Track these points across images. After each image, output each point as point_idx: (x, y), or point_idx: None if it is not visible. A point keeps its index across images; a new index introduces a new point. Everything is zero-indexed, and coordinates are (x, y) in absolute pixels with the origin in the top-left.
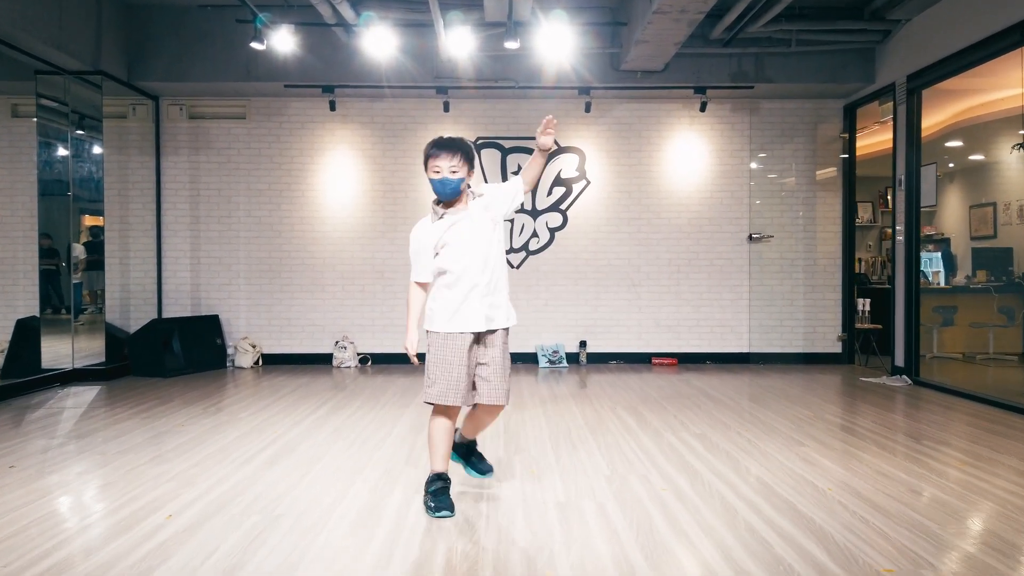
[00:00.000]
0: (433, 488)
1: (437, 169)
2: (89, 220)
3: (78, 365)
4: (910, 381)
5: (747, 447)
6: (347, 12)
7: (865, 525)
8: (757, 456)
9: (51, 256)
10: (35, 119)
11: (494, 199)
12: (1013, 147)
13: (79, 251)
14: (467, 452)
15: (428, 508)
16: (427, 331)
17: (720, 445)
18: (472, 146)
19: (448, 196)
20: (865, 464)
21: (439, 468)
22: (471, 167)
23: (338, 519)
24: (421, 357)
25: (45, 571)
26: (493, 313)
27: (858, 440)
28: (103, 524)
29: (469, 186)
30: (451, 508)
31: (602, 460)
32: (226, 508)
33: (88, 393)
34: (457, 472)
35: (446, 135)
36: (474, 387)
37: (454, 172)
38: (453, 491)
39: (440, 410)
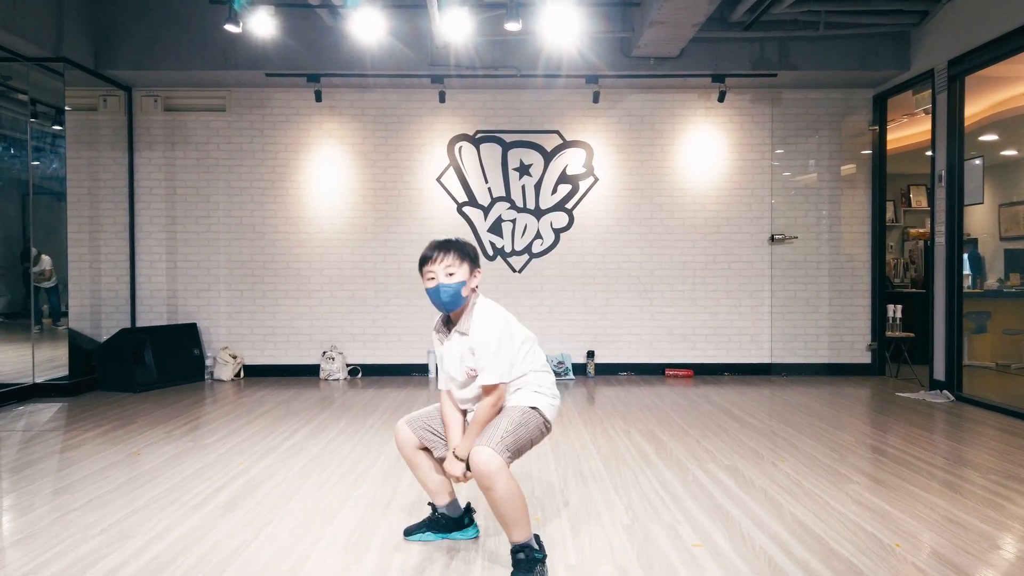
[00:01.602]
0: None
1: (431, 275)
2: None
3: (40, 379)
4: (952, 397)
5: (787, 484)
6: None
7: None
8: (801, 497)
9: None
10: None
11: (477, 351)
12: None
13: (46, 262)
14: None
15: None
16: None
17: (755, 481)
18: (474, 246)
19: (448, 306)
20: (931, 508)
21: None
22: (473, 267)
23: None
24: None
25: None
26: None
27: (913, 474)
28: None
29: (475, 290)
30: None
31: (619, 503)
32: (162, 573)
33: (46, 412)
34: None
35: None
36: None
37: (451, 275)
38: (444, 552)
39: None
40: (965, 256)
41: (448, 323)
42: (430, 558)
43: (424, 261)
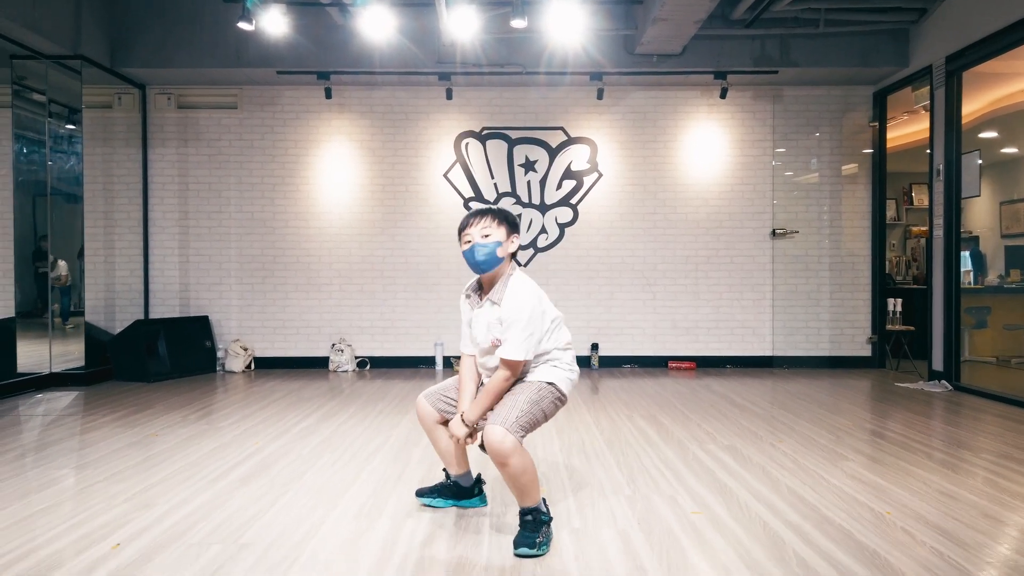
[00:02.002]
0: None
1: (468, 238)
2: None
3: (56, 369)
4: (950, 386)
5: (784, 461)
6: None
7: (940, 559)
8: (797, 472)
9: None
10: (10, 108)
11: (506, 322)
12: None
13: (62, 267)
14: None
15: (543, 545)
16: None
17: (753, 459)
18: (513, 214)
19: (482, 266)
20: (922, 482)
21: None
22: (511, 231)
23: (311, 555)
24: None
25: None
26: None
27: (908, 454)
28: (36, 556)
29: (514, 256)
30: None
31: (621, 477)
32: (184, 536)
33: (63, 399)
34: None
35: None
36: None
37: (486, 236)
38: (453, 520)
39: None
40: (967, 253)
41: (479, 289)
42: (440, 525)
43: (462, 228)
